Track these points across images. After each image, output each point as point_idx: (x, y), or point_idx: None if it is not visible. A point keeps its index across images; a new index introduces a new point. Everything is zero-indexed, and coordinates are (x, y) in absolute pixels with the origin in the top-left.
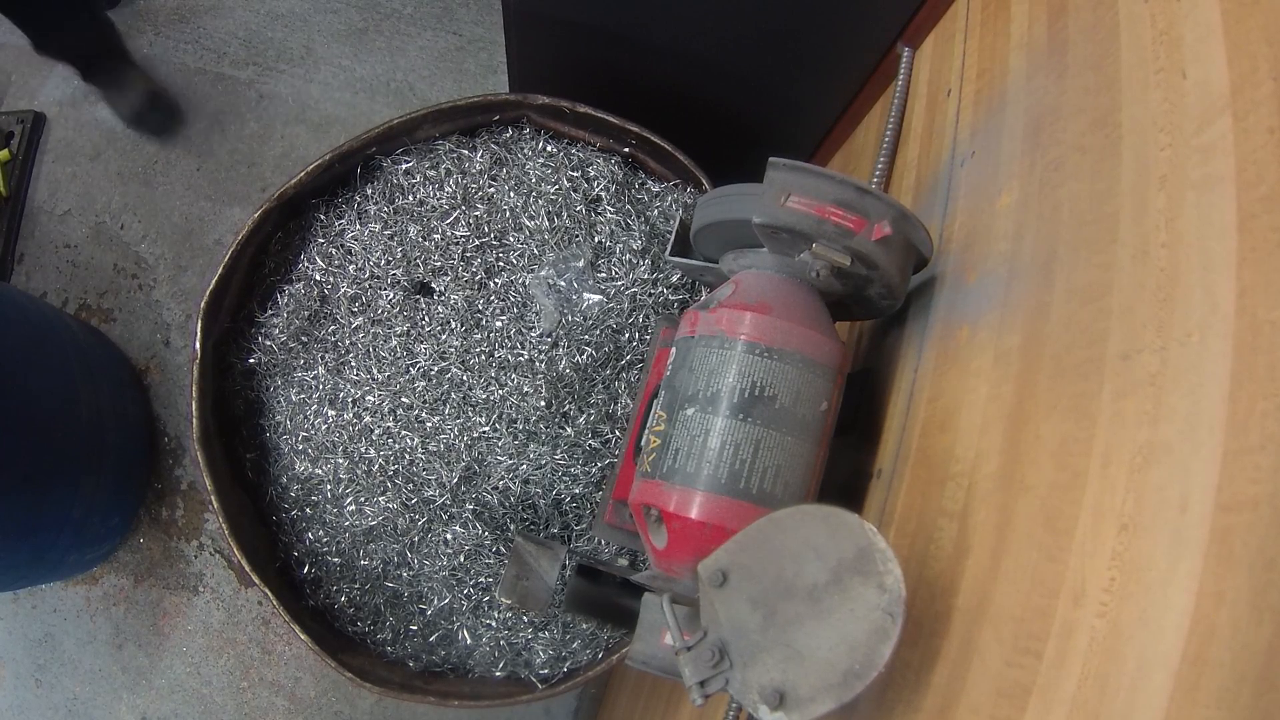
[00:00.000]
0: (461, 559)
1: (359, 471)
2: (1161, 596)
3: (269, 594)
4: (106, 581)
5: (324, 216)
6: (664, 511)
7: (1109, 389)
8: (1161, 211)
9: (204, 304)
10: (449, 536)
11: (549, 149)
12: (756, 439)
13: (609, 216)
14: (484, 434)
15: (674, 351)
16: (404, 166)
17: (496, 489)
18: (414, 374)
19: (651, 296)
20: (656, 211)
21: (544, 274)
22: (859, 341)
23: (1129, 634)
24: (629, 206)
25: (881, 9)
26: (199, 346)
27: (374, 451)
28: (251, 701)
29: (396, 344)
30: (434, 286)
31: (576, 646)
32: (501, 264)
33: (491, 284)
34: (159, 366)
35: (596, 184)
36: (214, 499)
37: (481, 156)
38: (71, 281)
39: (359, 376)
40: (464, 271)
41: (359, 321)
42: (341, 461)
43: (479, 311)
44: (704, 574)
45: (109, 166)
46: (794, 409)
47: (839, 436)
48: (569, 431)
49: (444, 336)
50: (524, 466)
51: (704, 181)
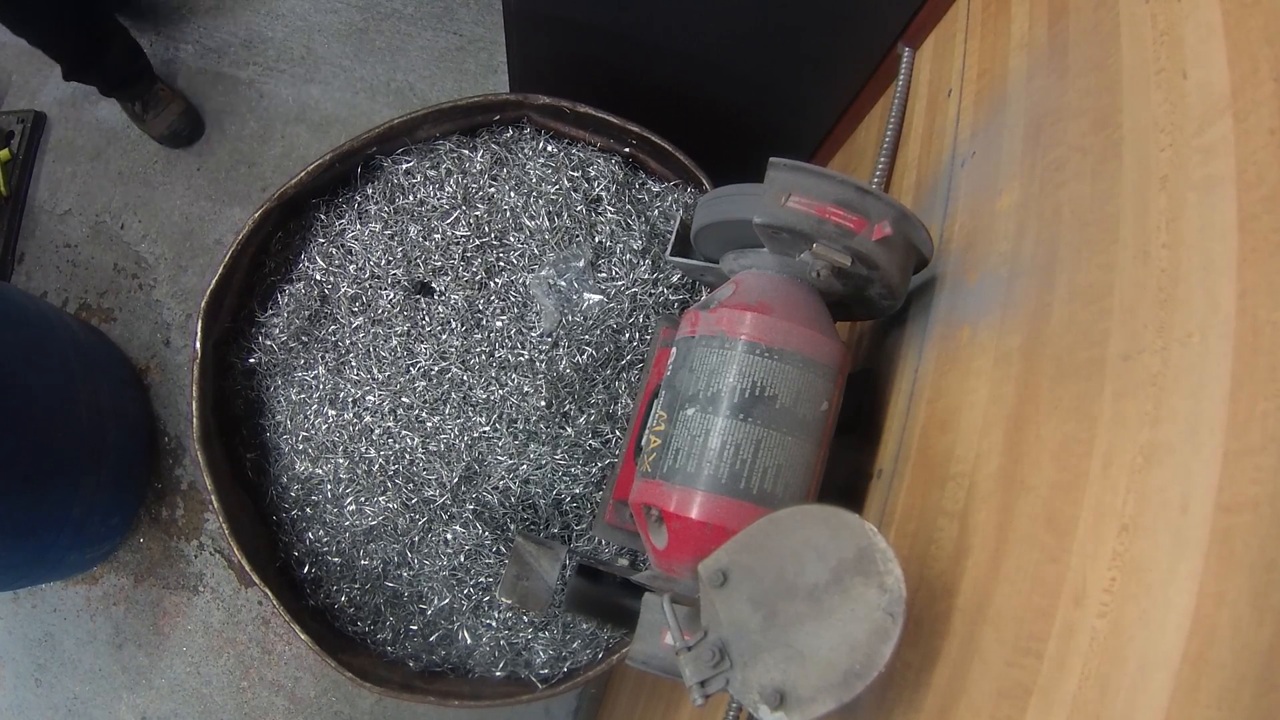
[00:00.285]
0: (462, 559)
1: (359, 471)
2: (1162, 597)
3: (269, 594)
4: (106, 581)
5: (324, 216)
6: (664, 511)
7: (1110, 389)
8: (1162, 212)
9: (204, 304)
10: (449, 536)
11: (549, 149)
12: (757, 439)
13: (609, 216)
14: (484, 434)
15: (674, 351)
16: (404, 166)
17: (497, 489)
18: (414, 374)
19: (652, 296)
20: (657, 211)
21: (544, 274)
22: (859, 342)
23: (1130, 634)
24: (629, 206)
25: (882, 9)
26: (199, 346)
27: (374, 451)
28: (251, 701)
29: (397, 344)
30: (434, 286)
31: (576, 646)
32: (502, 264)
33: (492, 284)
34: (159, 366)
35: (597, 184)
36: (214, 499)
37: (482, 156)
38: (72, 281)
39: (359, 376)
40: (464, 271)
41: (359, 321)
42: (342, 461)
43: (479, 311)
44: (704, 574)
45: (109, 166)
46: (794, 409)
47: (839, 436)
48: (569, 431)
49: (444, 336)
50: (524, 466)
51: (704, 181)
